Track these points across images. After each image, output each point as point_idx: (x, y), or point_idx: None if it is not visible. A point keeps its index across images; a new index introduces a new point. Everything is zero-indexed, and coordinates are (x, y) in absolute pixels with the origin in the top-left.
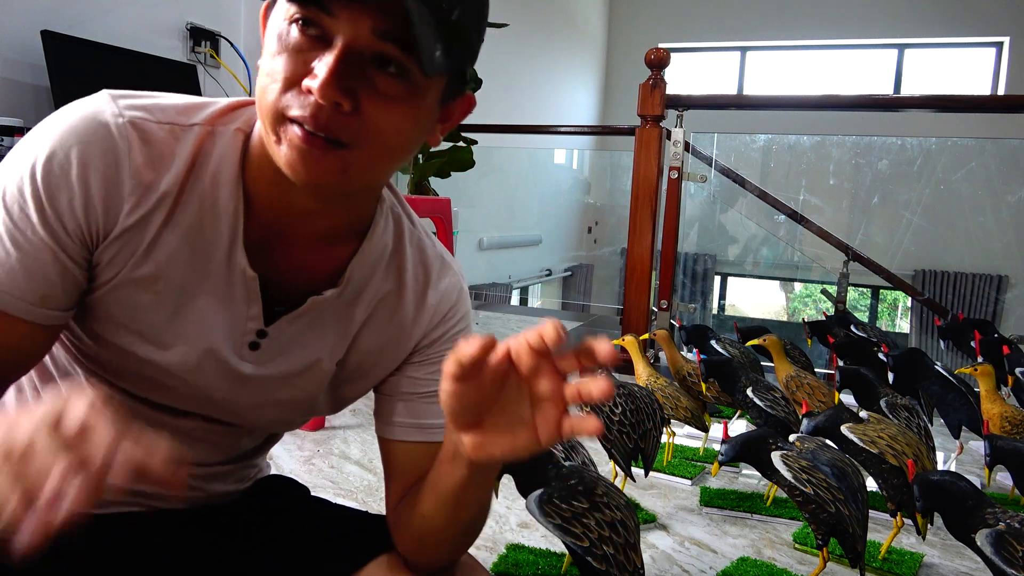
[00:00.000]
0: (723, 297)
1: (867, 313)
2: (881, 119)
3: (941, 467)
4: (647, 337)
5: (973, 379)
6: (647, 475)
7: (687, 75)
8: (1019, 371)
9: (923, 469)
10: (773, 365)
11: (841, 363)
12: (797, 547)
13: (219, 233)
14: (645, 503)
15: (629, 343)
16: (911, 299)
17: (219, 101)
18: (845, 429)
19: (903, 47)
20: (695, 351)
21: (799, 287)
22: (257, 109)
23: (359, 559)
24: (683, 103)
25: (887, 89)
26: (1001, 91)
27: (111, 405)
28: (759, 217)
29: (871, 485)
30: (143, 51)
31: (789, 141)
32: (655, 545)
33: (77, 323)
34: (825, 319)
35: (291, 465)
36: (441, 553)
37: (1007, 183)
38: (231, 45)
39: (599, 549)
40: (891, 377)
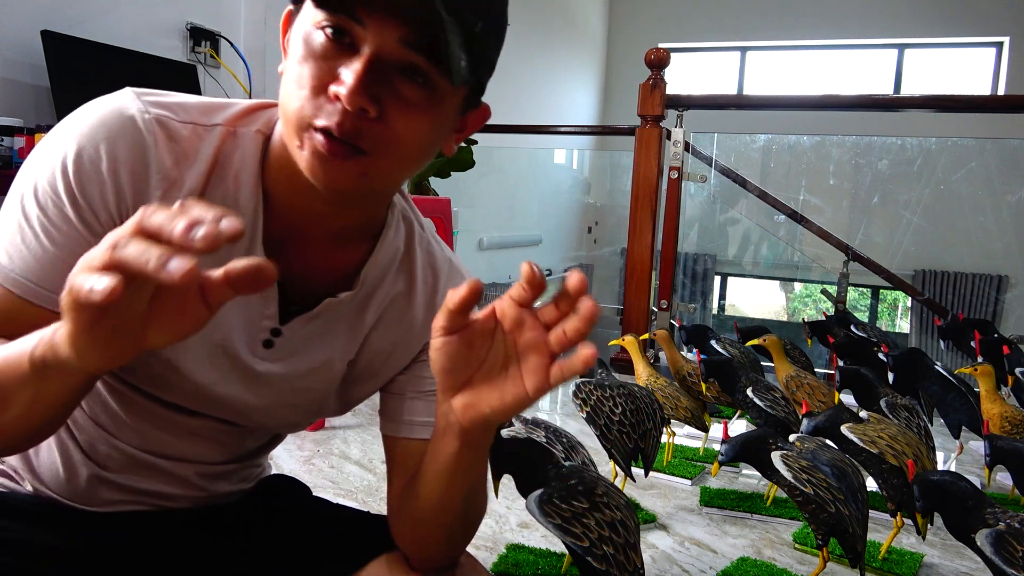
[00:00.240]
0: (723, 297)
1: (867, 313)
2: (881, 119)
3: (941, 467)
4: (647, 337)
5: (973, 379)
6: (647, 475)
7: (687, 75)
8: (1019, 371)
9: (923, 469)
10: (773, 365)
11: (841, 363)
12: (797, 547)
13: None
14: (645, 503)
15: (629, 343)
16: (911, 299)
17: (238, 103)
18: (845, 429)
19: (903, 47)
20: (695, 351)
21: (799, 287)
22: (281, 113)
23: (359, 559)
24: (683, 103)
25: (887, 89)
26: (1001, 91)
27: (121, 401)
28: (759, 217)
29: (871, 485)
30: (143, 51)
31: (789, 141)
32: (655, 545)
33: None
34: (825, 319)
35: (291, 465)
36: (439, 542)
37: (1007, 183)
38: (231, 45)
39: (599, 549)
40: (891, 377)
